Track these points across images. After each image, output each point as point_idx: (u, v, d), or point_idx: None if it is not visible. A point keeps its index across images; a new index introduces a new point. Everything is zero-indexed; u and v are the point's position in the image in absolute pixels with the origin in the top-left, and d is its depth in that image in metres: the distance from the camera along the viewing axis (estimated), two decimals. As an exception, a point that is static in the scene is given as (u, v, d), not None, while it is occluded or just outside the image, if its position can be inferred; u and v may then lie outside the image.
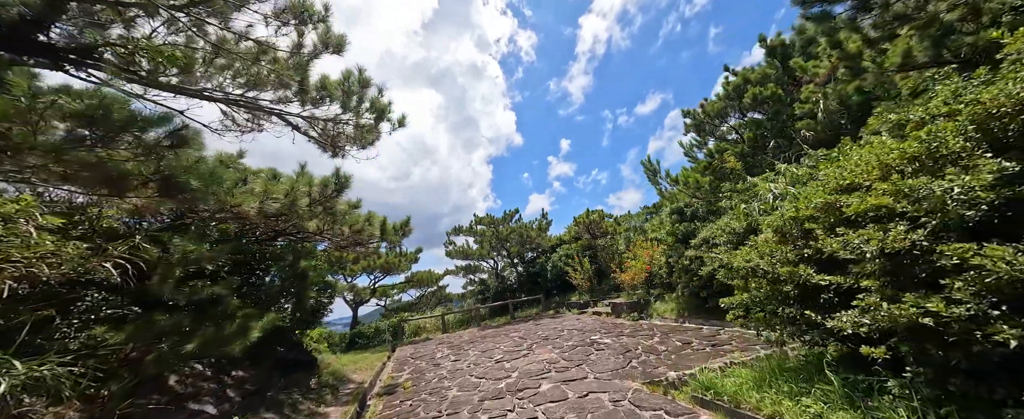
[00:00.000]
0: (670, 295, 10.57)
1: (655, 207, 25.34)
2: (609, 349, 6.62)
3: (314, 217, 4.88)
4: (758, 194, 6.54)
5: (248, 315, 3.63)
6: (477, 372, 6.33)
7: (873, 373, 2.82)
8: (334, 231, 5.07)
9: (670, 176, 10.87)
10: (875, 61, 4.90)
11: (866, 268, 2.65)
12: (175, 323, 3.03)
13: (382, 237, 6.95)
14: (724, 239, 7.61)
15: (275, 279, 5.18)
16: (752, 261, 3.67)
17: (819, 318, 2.92)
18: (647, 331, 8.02)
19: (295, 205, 3.95)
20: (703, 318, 8.31)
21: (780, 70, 8.62)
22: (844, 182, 3.16)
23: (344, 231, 5.10)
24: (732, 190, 7.71)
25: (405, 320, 13.95)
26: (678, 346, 6.13)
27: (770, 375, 3.60)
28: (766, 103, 8.29)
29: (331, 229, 5.02)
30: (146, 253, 3.26)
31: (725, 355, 5.24)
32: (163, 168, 2.78)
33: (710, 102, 10.43)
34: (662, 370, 4.94)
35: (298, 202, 3.97)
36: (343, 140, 4.33)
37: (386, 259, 14.98)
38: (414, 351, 10.14)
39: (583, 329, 9.49)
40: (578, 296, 15.13)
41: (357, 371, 7.81)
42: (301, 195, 4.02)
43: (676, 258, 9.34)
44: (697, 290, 8.36)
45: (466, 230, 18.83)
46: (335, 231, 5.07)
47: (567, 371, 5.49)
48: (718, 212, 9.63)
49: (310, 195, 4.26)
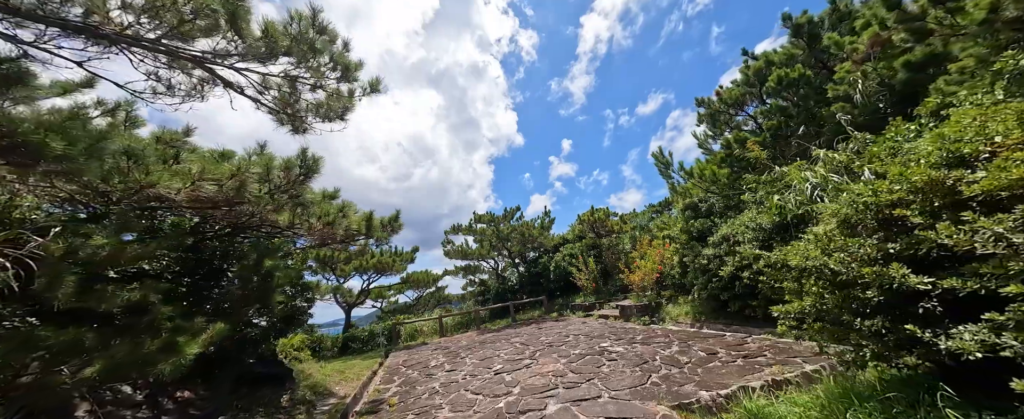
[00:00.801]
0: (684, 298, 9.80)
1: (661, 205, 24.59)
2: (622, 359, 5.86)
3: (281, 208, 4.14)
4: (792, 184, 5.78)
5: (181, 328, 2.91)
6: (473, 386, 5.58)
7: (1005, 409, 2.07)
8: (306, 225, 4.34)
9: (684, 169, 10.10)
10: (942, 22, 4.12)
11: (1010, 267, 1.90)
12: (71, 340, 2.30)
13: (368, 233, 6.21)
14: (750, 236, 6.86)
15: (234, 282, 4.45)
16: (815, 259, 2.90)
17: (928, 335, 2.17)
18: (662, 338, 7.25)
19: (243, 190, 3.21)
20: (723, 323, 7.54)
21: (807, 50, 7.86)
22: (958, 150, 2.38)
23: (314, 224, 4.37)
24: (757, 182, 6.95)
25: (401, 323, 13.21)
26: (702, 357, 5.37)
27: (841, 402, 2.84)
28: (793, 87, 7.52)
29: (304, 222, 4.30)
30: (47, 249, 2.52)
31: (761, 370, 4.48)
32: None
33: (727, 89, 9.66)
34: (690, 388, 4.18)
35: (248, 187, 3.23)
36: (304, 110, 3.59)
37: (379, 259, 14.24)
38: (408, 357, 9.40)
39: (590, 334, 8.73)
40: (583, 298, 14.36)
41: (342, 382, 7.07)
42: (252, 178, 3.28)
43: (692, 257, 8.58)
44: (716, 292, 7.59)
45: (465, 229, 18.08)
46: (307, 224, 4.34)
47: (577, 388, 4.73)
48: (738, 207, 8.87)
49: (270, 180, 3.53)
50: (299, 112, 3.64)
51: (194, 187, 2.96)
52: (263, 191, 3.57)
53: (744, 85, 9.15)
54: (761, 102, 9.60)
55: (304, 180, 3.79)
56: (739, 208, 8.84)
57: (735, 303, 7.23)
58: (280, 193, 3.75)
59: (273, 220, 4.44)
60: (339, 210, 4.42)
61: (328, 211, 4.36)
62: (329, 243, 6.56)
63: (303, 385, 6.24)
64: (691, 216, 9.65)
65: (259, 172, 3.34)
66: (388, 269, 14.88)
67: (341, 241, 6.33)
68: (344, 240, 6.13)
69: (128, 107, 3.20)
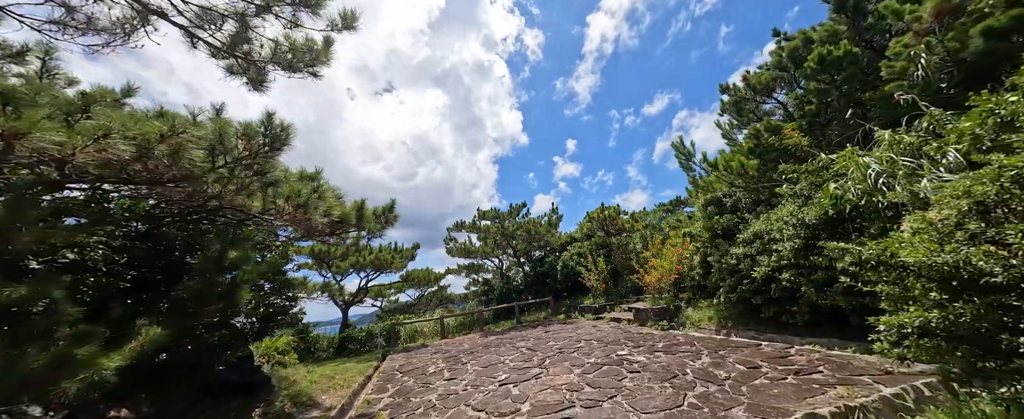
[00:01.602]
0: (705, 301, 9.02)
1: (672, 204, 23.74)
2: (646, 371, 5.11)
3: (246, 188, 3.44)
4: (846, 172, 5.00)
5: (86, 334, 2.22)
6: (476, 400, 4.86)
7: None
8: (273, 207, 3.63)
9: (707, 160, 9.31)
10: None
11: None
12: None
13: (360, 224, 5.50)
14: (789, 233, 6.07)
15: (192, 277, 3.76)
16: (939, 258, 2.13)
17: None
18: (687, 346, 6.48)
19: (181, 157, 2.50)
20: (756, 330, 6.76)
21: (851, 26, 7.04)
22: None
23: (283, 206, 3.66)
24: (797, 172, 6.15)
25: (400, 323, 12.51)
26: (743, 371, 4.60)
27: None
28: (834, 67, 6.71)
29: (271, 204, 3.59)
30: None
31: (823, 391, 3.70)
32: None
33: (755, 74, 8.86)
34: (740, 415, 3.41)
35: (188, 154, 2.53)
36: (263, 59, 2.89)
37: (378, 255, 13.55)
38: (406, 361, 8.69)
39: (604, 339, 7.97)
40: (592, 299, 13.59)
41: (330, 390, 6.37)
42: (194, 144, 2.56)
43: (718, 257, 7.79)
44: (747, 296, 6.80)
45: (469, 226, 17.36)
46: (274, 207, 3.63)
47: (598, 407, 3.99)
48: (769, 201, 8.07)
49: (228, 151, 2.84)
50: (253, 58, 2.92)
51: (100, 146, 2.25)
52: (220, 164, 2.88)
53: (775, 69, 8.35)
54: (791, 88, 8.79)
55: (270, 152, 3.09)
56: (770, 203, 8.04)
57: (769, 308, 6.45)
58: (242, 169, 3.07)
59: (241, 204, 3.74)
60: (313, 191, 3.71)
61: (299, 191, 3.62)
62: (317, 237, 5.85)
63: (284, 394, 5.54)
64: (714, 212, 8.86)
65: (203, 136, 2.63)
66: (387, 266, 14.19)
67: (329, 233, 5.62)
68: (332, 231, 5.42)
69: (43, 54, 2.52)
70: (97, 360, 2.21)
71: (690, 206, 21.67)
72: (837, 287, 5.16)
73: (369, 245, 13.43)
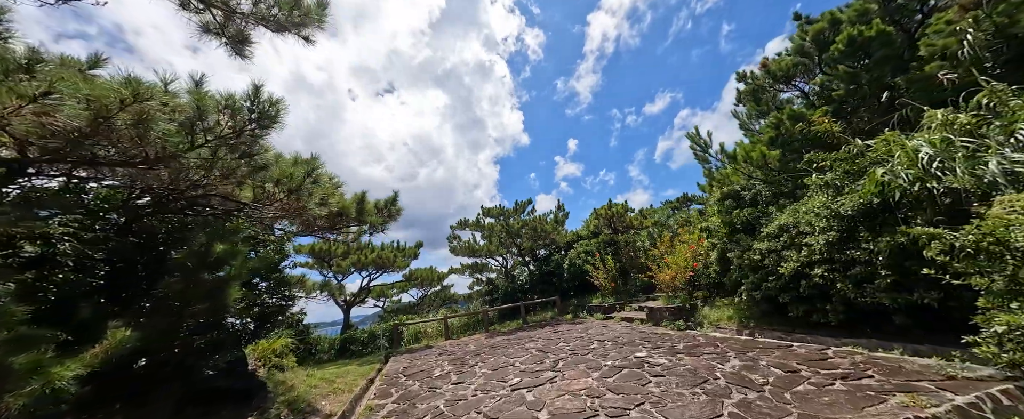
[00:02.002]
0: (724, 299, 8.60)
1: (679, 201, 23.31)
2: (671, 375, 4.71)
3: (234, 174, 3.06)
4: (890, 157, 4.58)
5: (27, 338, 1.85)
6: (487, 407, 4.47)
7: None
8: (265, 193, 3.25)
9: (725, 151, 8.89)
10: None
11: None
12: None
13: (360, 218, 5.13)
14: (822, 225, 5.66)
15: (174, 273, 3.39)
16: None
17: None
18: (709, 347, 6.08)
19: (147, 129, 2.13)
20: (782, 330, 6.35)
21: (882, 5, 6.62)
22: None
23: (272, 191, 3.28)
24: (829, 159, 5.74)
25: (403, 324, 12.14)
26: (782, 376, 4.19)
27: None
28: (867, 47, 6.30)
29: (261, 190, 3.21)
30: None
31: (882, 399, 3.28)
32: None
33: (775, 60, 8.45)
34: (791, 425, 3.01)
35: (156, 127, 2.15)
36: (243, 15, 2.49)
37: (380, 254, 13.17)
38: (410, 363, 8.31)
39: (618, 340, 7.58)
40: (601, 298, 13.18)
41: (330, 395, 5.99)
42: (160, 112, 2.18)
43: (738, 252, 7.38)
44: (773, 293, 6.37)
45: (472, 224, 16.97)
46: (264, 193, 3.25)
47: (626, 416, 3.59)
48: (793, 194, 7.66)
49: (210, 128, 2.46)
50: (231, 6, 2.53)
51: (41, 108, 1.88)
52: (200, 142, 2.51)
53: (797, 54, 7.93)
54: (811, 75, 8.37)
55: (257, 129, 2.72)
56: (793, 195, 7.63)
57: (798, 307, 6.03)
58: (227, 150, 2.70)
59: (229, 193, 3.36)
60: (306, 175, 3.33)
61: (291, 174, 3.24)
62: (315, 231, 5.47)
63: (279, 400, 5.16)
64: (732, 205, 8.44)
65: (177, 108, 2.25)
66: (389, 265, 13.82)
67: (328, 227, 5.24)
68: (331, 225, 5.04)
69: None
70: (48, 369, 1.84)
71: (698, 203, 21.26)
72: (878, 283, 4.76)
73: (371, 243, 13.07)
